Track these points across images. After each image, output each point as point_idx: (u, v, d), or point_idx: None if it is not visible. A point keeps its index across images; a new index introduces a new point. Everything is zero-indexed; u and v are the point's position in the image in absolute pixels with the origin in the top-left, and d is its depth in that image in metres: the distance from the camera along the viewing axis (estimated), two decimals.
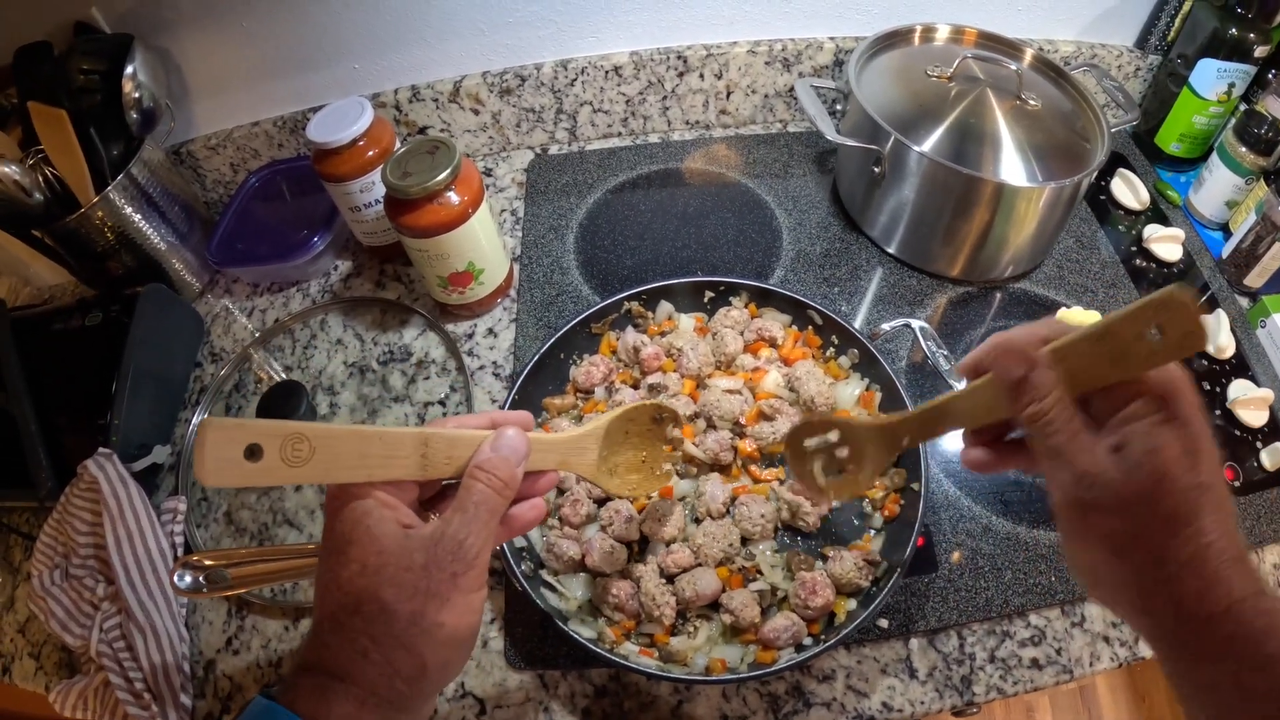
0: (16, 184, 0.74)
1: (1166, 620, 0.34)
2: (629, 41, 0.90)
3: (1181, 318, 0.31)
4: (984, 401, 0.38)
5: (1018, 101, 0.74)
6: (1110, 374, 0.34)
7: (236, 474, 0.35)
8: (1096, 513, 0.34)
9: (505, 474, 0.39)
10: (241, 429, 0.35)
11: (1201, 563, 0.33)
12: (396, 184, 0.66)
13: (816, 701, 0.57)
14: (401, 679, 0.36)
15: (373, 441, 0.37)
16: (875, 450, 0.46)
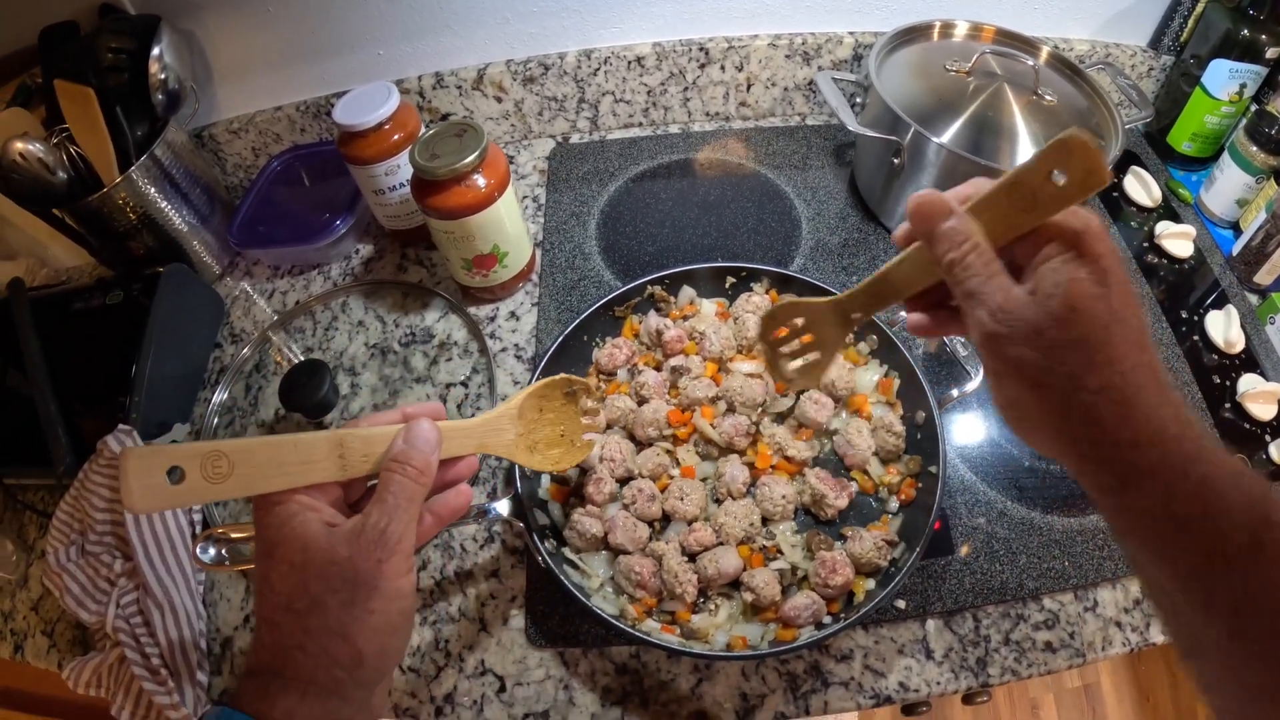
0: (41, 161, 0.75)
1: (1089, 448, 0.34)
2: (652, 32, 0.91)
3: (1082, 157, 0.32)
4: (919, 265, 0.40)
5: (1034, 97, 0.75)
6: (1024, 221, 0.35)
7: (162, 498, 0.36)
8: (1013, 344, 0.35)
9: (419, 462, 0.40)
10: (160, 454, 0.35)
11: (1119, 389, 0.33)
12: (425, 165, 0.67)
13: (834, 681, 0.58)
14: (340, 667, 0.37)
15: (288, 449, 0.38)
16: (832, 330, 0.48)
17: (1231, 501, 0.32)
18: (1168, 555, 0.33)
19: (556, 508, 0.63)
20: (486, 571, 0.65)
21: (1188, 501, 0.32)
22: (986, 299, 0.35)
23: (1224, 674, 0.33)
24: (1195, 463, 0.33)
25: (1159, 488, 0.33)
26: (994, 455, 0.68)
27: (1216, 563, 0.32)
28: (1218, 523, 0.32)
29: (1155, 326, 0.76)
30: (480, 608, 0.63)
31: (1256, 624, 0.31)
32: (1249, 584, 0.31)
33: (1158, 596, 0.36)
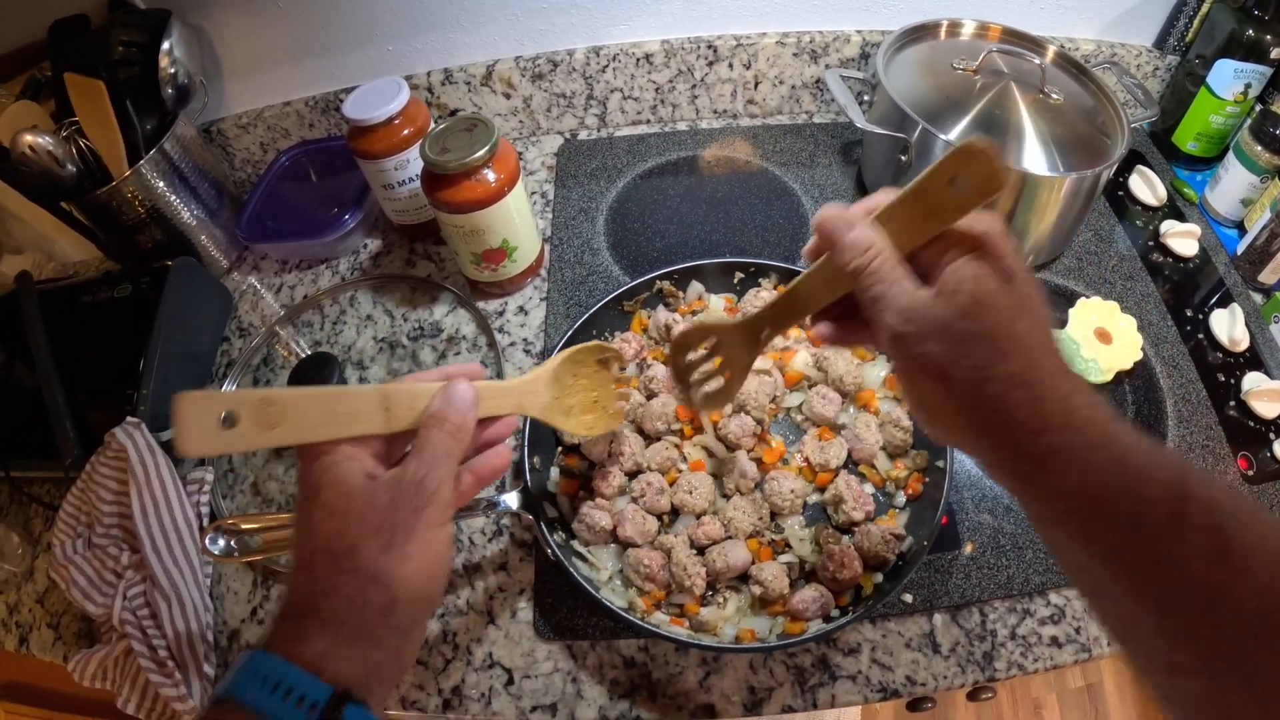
0: (50, 154, 0.75)
1: (1003, 436, 0.35)
2: (660, 30, 0.91)
3: (979, 163, 0.34)
4: (826, 278, 0.41)
5: (1040, 95, 0.76)
6: (928, 228, 0.36)
7: (216, 442, 0.36)
8: (920, 342, 0.35)
9: (457, 420, 0.41)
10: (214, 399, 0.36)
11: (1027, 377, 0.34)
12: (435, 159, 0.67)
13: (842, 674, 0.58)
14: (373, 610, 0.37)
15: (336, 400, 0.39)
16: (741, 351, 0.49)
17: (1149, 476, 0.32)
18: (1089, 535, 0.33)
19: (565, 501, 0.63)
20: (495, 564, 0.65)
21: (1104, 478, 0.33)
22: (892, 301, 0.36)
23: (1155, 653, 0.33)
24: (1109, 442, 0.33)
25: (1074, 468, 0.33)
26: None
27: (1139, 537, 0.32)
28: (1137, 497, 0.32)
29: (1160, 325, 0.77)
30: (488, 600, 0.63)
31: (1182, 597, 0.31)
32: (1173, 556, 0.31)
33: (1084, 580, 0.36)
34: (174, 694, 0.60)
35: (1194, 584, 0.30)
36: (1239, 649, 0.29)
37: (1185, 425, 0.69)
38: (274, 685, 0.34)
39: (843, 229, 0.38)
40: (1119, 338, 0.73)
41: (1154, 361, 0.74)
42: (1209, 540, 0.30)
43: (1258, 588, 0.29)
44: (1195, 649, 0.31)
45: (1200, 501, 0.31)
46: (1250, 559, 0.30)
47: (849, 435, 0.63)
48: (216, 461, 0.73)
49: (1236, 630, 0.29)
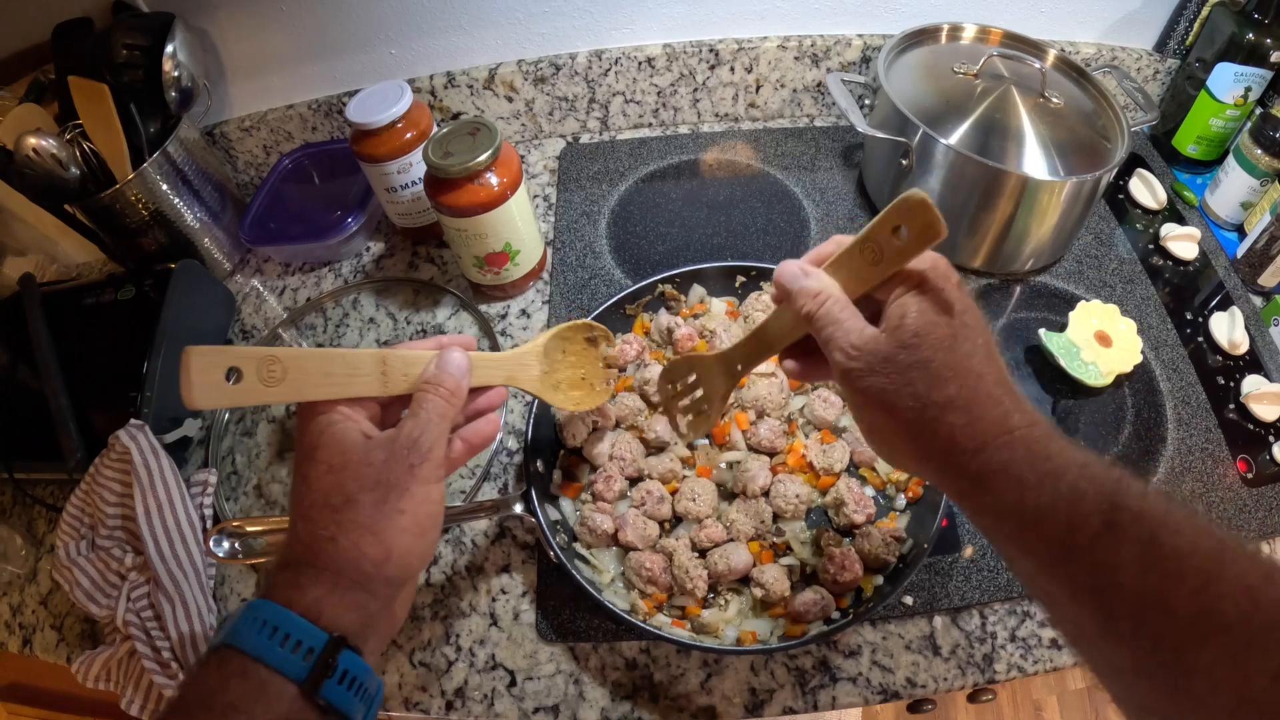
0: (54, 157, 0.75)
1: (944, 459, 0.37)
2: (662, 34, 0.91)
3: (919, 214, 0.37)
4: (790, 320, 0.44)
5: (1041, 99, 0.76)
6: (875, 274, 0.40)
7: (220, 396, 0.38)
8: (866, 376, 0.38)
9: (450, 385, 0.43)
10: (222, 354, 0.38)
11: (963, 401, 0.36)
12: (438, 163, 0.67)
13: (842, 676, 0.59)
14: (369, 561, 0.39)
15: (336, 361, 0.41)
16: (719, 381, 0.53)
17: (1082, 490, 0.34)
18: (1028, 548, 0.35)
19: (568, 504, 0.64)
20: (497, 566, 0.65)
21: (1038, 494, 0.34)
22: (840, 340, 0.40)
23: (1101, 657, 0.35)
24: (1043, 459, 0.35)
25: (1010, 485, 0.35)
26: None
27: (1074, 548, 0.33)
28: (1070, 511, 0.33)
29: (1160, 328, 0.77)
30: (491, 602, 0.63)
31: (1119, 604, 0.32)
32: (1107, 565, 0.32)
33: (1035, 588, 0.37)
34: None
35: (1128, 591, 0.31)
36: (1175, 653, 0.30)
37: (1185, 428, 0.69)
38: (271, 631, 0.35)
39: (796, 278, 0.42)
40: (1119, 341, 0.73)
41: (1154, 364, 0.74)
42: (1141, 548, 0.32)
43: (1189, 591, 0.30)
44: (1134, 653, 0.32)
45: (1132, 512, 0.32)
46: (1183, 564, 0.31)
47: (849, 438, 0.64)
48: (220, 463, 0.74)
49: (1170, 635, 0.30)
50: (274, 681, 0.35)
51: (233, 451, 0.75)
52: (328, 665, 0.36)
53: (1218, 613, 0.30)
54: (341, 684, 0.36)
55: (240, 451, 0.75)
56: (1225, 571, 0.30)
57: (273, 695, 0.34)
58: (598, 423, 0.65)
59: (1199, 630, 0.30)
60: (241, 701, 0.34)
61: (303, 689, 0.35)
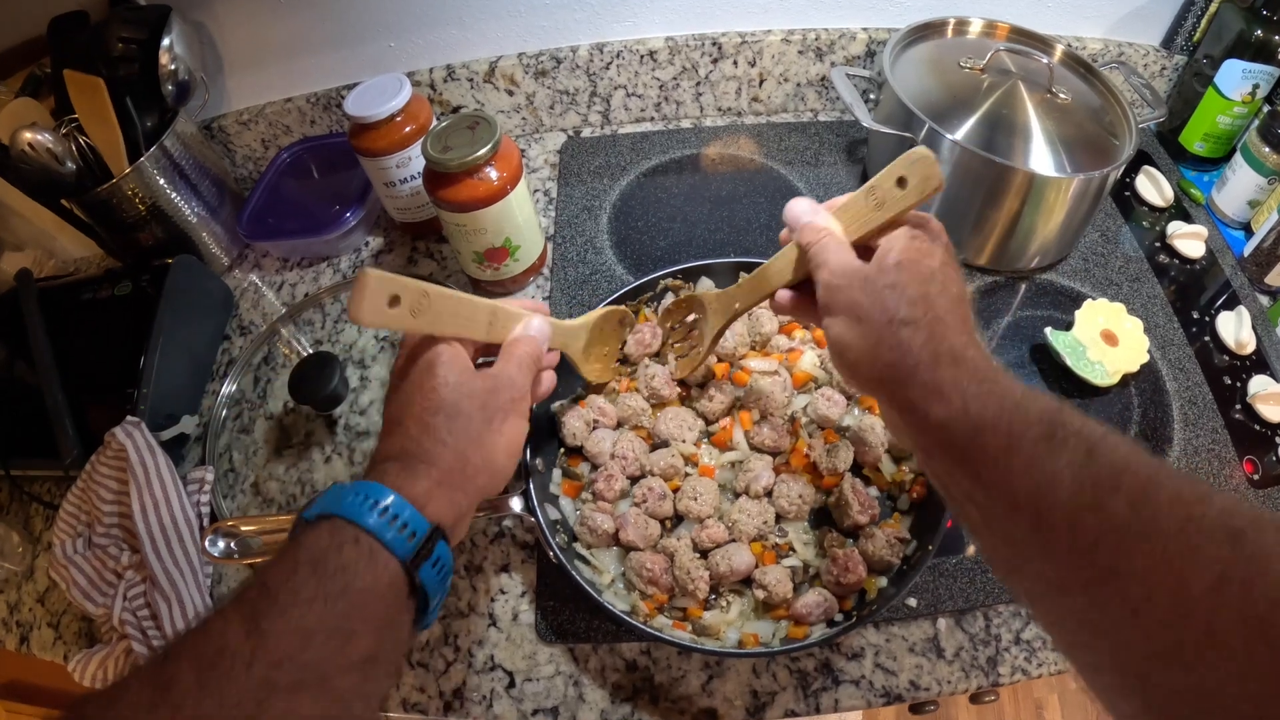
0: (50, 152, 0.74)
1: (898, 369, 0.40)
2: (665, 27, 0.90)
3: (922, 166, 0.43)
4: (790, 259, 0.50)
5: (1048, 95, 0.75)
6: (876, 218, 0.45)
7: (380, 316, 0.42)
8: (845, 291, 0.43)
9: (533, 347, 0.51)
10: (392, 281, 0.42)
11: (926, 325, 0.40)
12: (437, 158, 0.66)
13: (845, 679, 0.58)
14: (471, 467, 0.44)
15: (464, 305, 0.48)
16: (714, 317, 0.60)
17: (1024, 405, 0.36)
18: (971, 456, 0.37)
19: (568, 503, 0.63)
20: (497, 566, 0.65)
21: (983, 404, 0.37)
22: (831, 263, 0.45)
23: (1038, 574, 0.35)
24: (992, 379, 0.38)
25: (957, 395, 0.38)
26: None
27: (1014, 455, 0.35)
28: (1011, 420, 0.36)
29: (1167, 327, 0.76)
30: (490, 603, 0.63)
31: (1055, 511, 0.33)
32: (1045, 472, 0.33)
33: (971, 511, 0.38)
34: None
35: (1064, 496, 0.33)
36: (1108, 558, 0.31)
37: (1191, 428, 0.69)
38: (382, 510, 0.39)
39: (805, 214, 0.48)
40: (1125, 340, 0.72)
41: (1160, 364, 0.73)
42: (1078, 457, 0.33)
43: (1124, 499, 0.31)
44: (1069, 561, 0.33)
45: (1072, 426, 0.34)
46: (1119, 474, 0.32)
47: (854, 437, 0.63)
48: (217, 461, 0.73)
49: (1105, 540, 0.31)
50: (382, 555, 0.38)
51: (230, 448, 0.74)
52: (427, 549, 0.40)
53: (1153, 520, 0.30)
54: (434, 569, 0.40)
55: (237, 449, 0.74)
56: (1161, 486, 0.31)
57: (380, 565, 0.38)
58: (598, 421, 0.64)
59: (1133, 535, 0.30)
60: (353, 565, 0.37)
61: (405, 566, 0.39)
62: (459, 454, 0.43)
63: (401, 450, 0.43)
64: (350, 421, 0.74)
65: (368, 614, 0.37)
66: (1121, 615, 0.30)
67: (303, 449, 0.73)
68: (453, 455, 0.43)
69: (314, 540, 0.38)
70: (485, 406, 0.45)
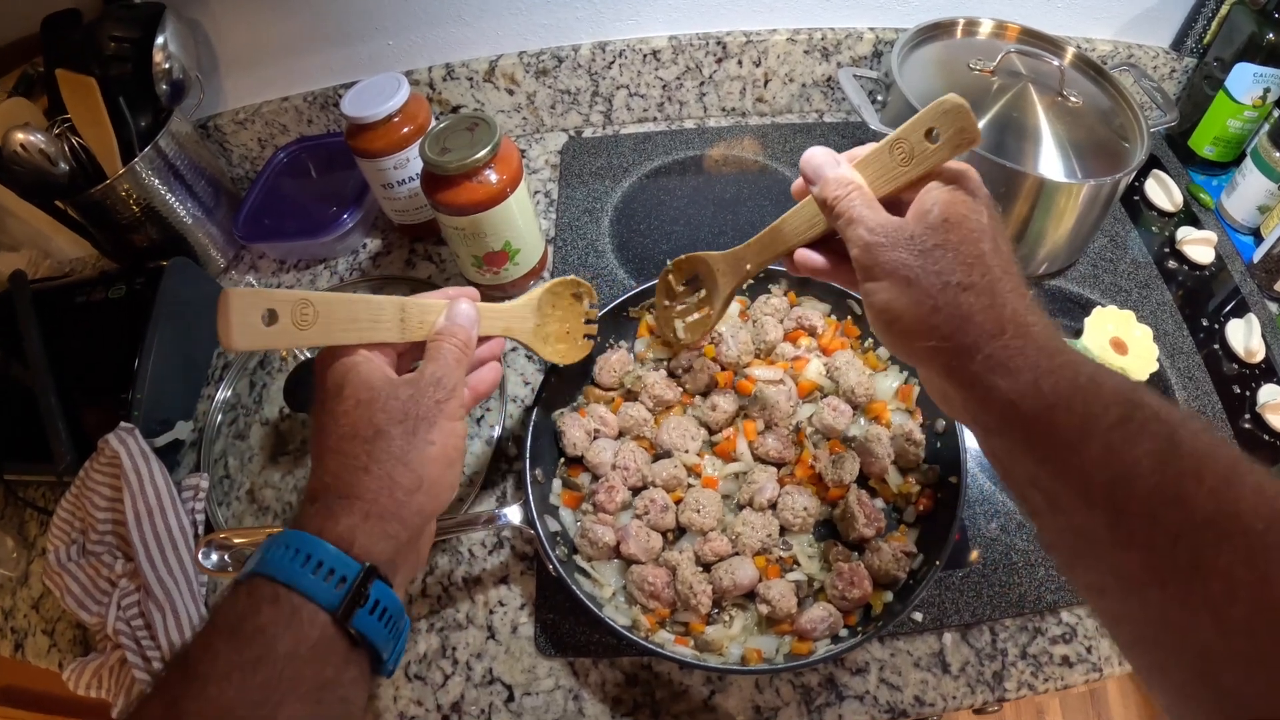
0: (42, 152, 0.73)
1: (959, 338, 0.36)
2: (668, 26, 0.89)
3: (955, 117, 0.37)
4: (808, 214, 0.45)
5: (1059, 98, 0.74)
6: (904, 174, 0.40)
7: (256, 337, 0.39)
8: (889, 250, 0.38)
9: (462, 336, 0.45)
10: (260, 296, 0.38)
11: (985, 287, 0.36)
12: (435, 160, 0.65)
13: (849, 694, 0.57)
14: (401, 489, 0.39)
15: (361, 306, 0.43)
16: (724, 279, 0.55)
17: (1100, 381, 0.33)
18: (1039, 437, 0.34)
19: (568, 514, 0.62)
20: (496, 578, 0.64)
21: (1055, 379, 0.34)
22: (866, 219, 0.40)
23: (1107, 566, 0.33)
24: (1061, 351, 0.35)
25: (1026, 370, 0.34)
26: None
27: (1089, 440, 0.32)
28: (1087, 399, 0.33)
29: (1176, 334, 0.75)
30: (489, 615, 0.62)
31: (1132, 501, 0.31)
32: (1123, 459, 0.31)
33: (1034, 496, 0.36)
34: None
35: (1144, 487, 0.30)
36: (1190, 553, 0.29)
37: None
38: (304, 559, 0.35)
39: (828, 166, 0.42)
40: (1134, 348, 0.71)
41: (1169, 372, 0.72)
42: (1159, 445, 0.31)
43: (1208, 491, 0.29)
44: (1146, 556, 0.30)
45: (1150, 409, 0.32)
46: (1201, 464, 0.30)
47: (859, 448, 0.62)
48: (212, 467, 0.72)
49: (1187, 535, 0.29)
50: (306, 608, 0.34)
51: (225, 455, 0.73)
52: (360, 594, 0.36)
53: (1237, 515, 0.29)
54: (373, 614, 0.36)
55: (233, 455, 0.73)
56: (1244, 478, 0.29)
57: (304, 621, 0.34)
58: (599, 431, 0.63)
59: (1217, 530, 0.29)
60: (271, 626, 0.33)
61: (335, 617, 0.35)
62: (384, 479, 0.39)
63: (322, 488, 0.39)
64: None
65: (295, 679, 0.33)
66: (1200, 615, 0.29)
67: (298, 455, 0.72)
68: (376, 482, 0.39)
69: (230, 605, 0.34)
70: (407, 417, 0.40)
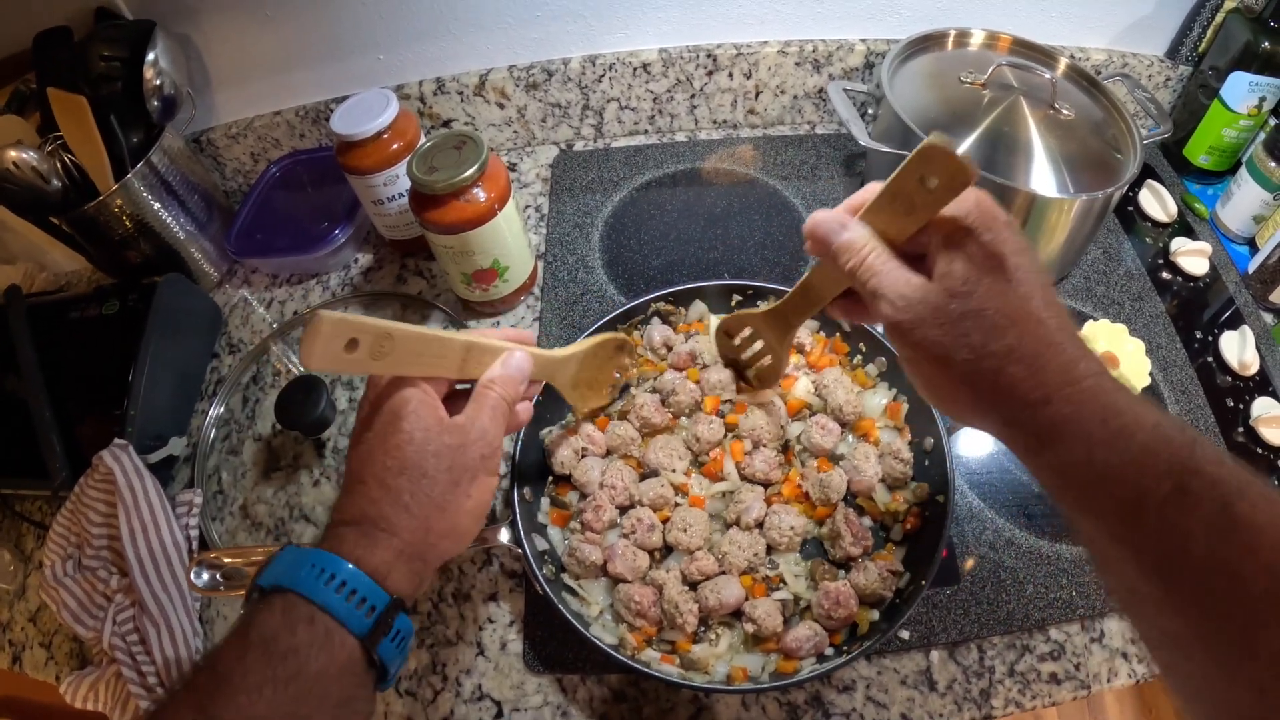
0: (35, 170, 0.74)
1: (1007, 412, 0.36)
2: (658, 39, 0.89)
3: (944, 162, 0.35)
4: (831, 271, 0.43)
5: (1051, 111, 0.73)
6: (910, 223, 0.38)
7: (334, 362, 0.39)
8: (918, 328, 0.37)
9: (511, 390, 0.47)
10: (349, 325, 0.39)
11: (1024, 350, 0.34)
12: (423, 179, 0.65)
13: (836, 712, 0.57)
14: (434, 534, 0.41)
15: (433, 344, 0.43)
16: (774, 335, 0.57)
17: (1154, 450, 0.32)
18: (1094, 509, 0.34)
19: (556, 532, 0.62)
20: (485, 594, 0.64)
21: (1108, 451, 0.33)
22: (887, 292, 0.38)
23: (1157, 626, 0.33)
24: (1113, 414, 0.33)
25: (1079, 442, 0.33)
26: (1002, 482, 0.67)
27: (1142, 512, 0.32)
28: (1140, 471, 0.32)
29: (1169, 347, 0.75)
30: (478, 631, 0.62)
31: (1185, 572, 0.31)
32: (1176, 531, 0.31)
33: (1093, 551, 0.36)
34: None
35: (1197, 559, 0.30)
36: (1242, 630, 0.29)
37: None
38: (339, 585, 0.37)
39: (835, 233, 0.40)
40: (1127, 362, 0.71)
41: (1162, 386, 0.72)
42: (1214, 517, 0.30)
43: (1263, 566, 0.29)
44: (1197, 624, 0.30)
45: (1207, 478, 0.31)
46: (1258, 537, 0.29)
47: (848, 466, 0.62)
48: (206, 483, 0.73)
49: (1239, 610, 0.29)
50: (338, 633, 0.36)
51: (219, 470, 0.74)
52: (385, 623, 0.38)
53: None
54: (393, 642, 0.39)
55: (226, 470, 0.74)
56: None
57: (335, 645, 0.36)
58: (587, 450, 0.63)
59: (1270, 606, 0.28)
60: (306, 647, 0.35)
61: (363, 644, 0.37)
62: (422, 521, 0.41)
63: (361, 514, 0.41)
64: (339, 445, 0.73)
65: (322, 696, 0.35)
66: (1242, 687, 0.29)
67: (291, 472, 0.72)
68: (415, 523, 0.41)
69: (266, 619, 0.36)
70: (453, 467, 0.42)
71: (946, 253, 0.36)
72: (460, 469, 0.42)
